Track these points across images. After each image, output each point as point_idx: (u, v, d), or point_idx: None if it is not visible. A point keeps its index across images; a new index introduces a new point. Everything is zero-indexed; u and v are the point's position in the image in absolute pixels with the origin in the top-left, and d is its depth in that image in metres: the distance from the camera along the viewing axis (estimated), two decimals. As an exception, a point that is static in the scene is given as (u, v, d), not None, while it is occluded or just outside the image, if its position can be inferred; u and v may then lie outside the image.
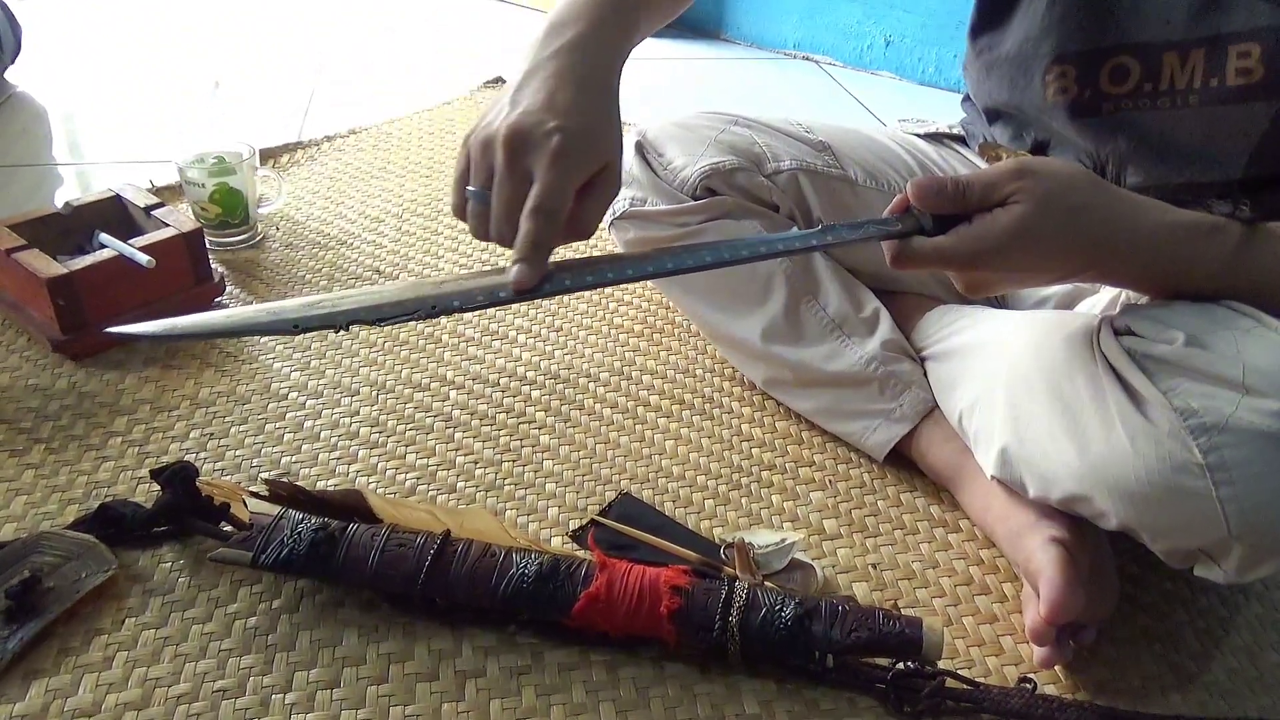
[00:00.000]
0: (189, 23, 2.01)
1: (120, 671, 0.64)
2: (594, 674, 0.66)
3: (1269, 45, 0.66)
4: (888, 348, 0.86)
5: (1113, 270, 0.62)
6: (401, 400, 0.92)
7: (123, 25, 1.97)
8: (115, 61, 1.77)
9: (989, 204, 0.59)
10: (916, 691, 0.64)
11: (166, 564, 0.72)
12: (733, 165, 0.89)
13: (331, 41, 1.95)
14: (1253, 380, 0.55)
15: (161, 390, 0.90)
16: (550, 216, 0.55)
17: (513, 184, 0.55)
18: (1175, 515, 0.59)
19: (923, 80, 1.92)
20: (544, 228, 0.54)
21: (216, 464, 0.83)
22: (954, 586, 0.75)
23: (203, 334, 0.55)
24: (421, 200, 1.30)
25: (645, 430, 0.89)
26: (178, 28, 1.97)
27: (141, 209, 1.03)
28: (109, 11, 2.04)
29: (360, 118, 1.54)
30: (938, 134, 0.98)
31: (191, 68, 1.76)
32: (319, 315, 0.52)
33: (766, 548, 0.74)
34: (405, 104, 1.61)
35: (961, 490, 0.80)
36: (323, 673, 0.65)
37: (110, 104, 1.59)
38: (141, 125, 1.52)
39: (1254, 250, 0.60)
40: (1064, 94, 0.76)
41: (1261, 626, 0.73)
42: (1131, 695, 0.66)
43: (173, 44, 1.88)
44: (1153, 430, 0.58)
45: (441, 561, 0.67)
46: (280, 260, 1.14)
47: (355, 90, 1.70)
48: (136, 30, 1.94)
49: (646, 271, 0.59)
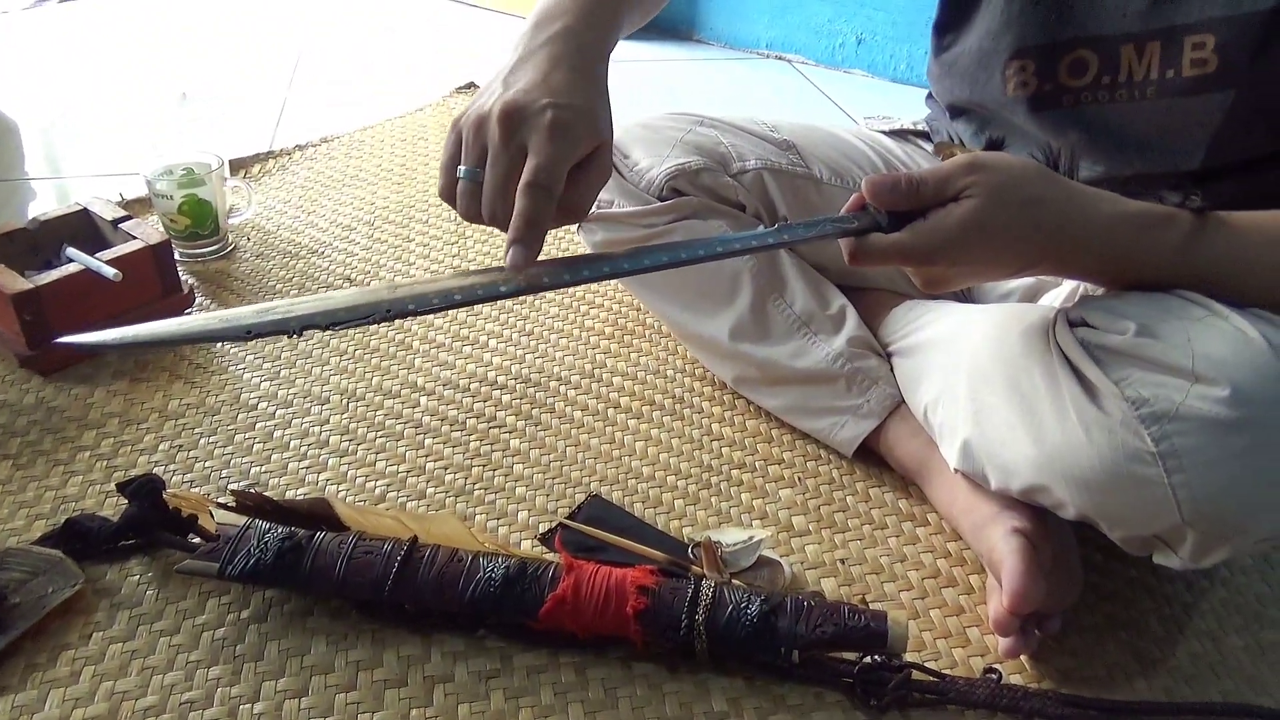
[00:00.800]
0: (158, 34, 2.00)
1: (87, 686, 0.64)
2: (563, 676, 0.66)
3: (1222, 36, 0.66)
4: (854, 344, 0.86)
5: (1067, 262, 0.63)
6: (372, 407, 0.92)
7: (90, 38, 1.96)
8: (84, 75, 1.76)
9: (943, 199, 0.59)
10: (883, 684, 0.64)
11: (134, 577, 0.72)
12: (698, 166, 0.89)
13: (303, 50, 1.94)
14: (1202, 368, 0.56)
15: (130, 403, 0.90)
16: (546, 193, 0.55)
17: (508, 159, 0.56)
18: (1130, 503, 0.59)
19: (895, 78, 1.93)
20: (540, 203, 0.55)
21: (185, 476, 0.82)
22: (921, 580, 0.75)
23: (157, 342, 0.55)
24: (394, 207, 1.30)
25: (615, 432, 0.90)
26: (147, 40, 1.97)
27: (109, 222, 1.02)
28: (76, 25, 2.03)
29: (332, 126, 1.54)
30: (903, 131, 0.99)
31: (161, 79, 1.75)
32: (272, 321, 0.52)
33: (734, 546, 0.74)
34: (377, 111, 1.61)
35: (928, 484, 0.81)
36: (291, 682, 0.65)
37: (80, 117, 1.58)
38: (112, 138, 1.51)
39: (1204, 240, 0.61)
40: (1024, 88, 0.77)
41: (1225, 611, 0.74)
42: (1097, 683, 0.67)
43: (142, 56, 1.87)
44: (1106, 420, 0.59)
45: (409, 567, 0.67)
46: (251, 270, 1.14)
47: (327, 98, 1.70)
48: (104, 43, 1.93)
49: (603, 272, 0.59)
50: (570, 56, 0.60)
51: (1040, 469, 0.63)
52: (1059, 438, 0.62)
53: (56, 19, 2.05)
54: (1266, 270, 0.60)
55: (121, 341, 0.54)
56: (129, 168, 1.37)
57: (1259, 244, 0.61)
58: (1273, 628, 0.72)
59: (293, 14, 2.18)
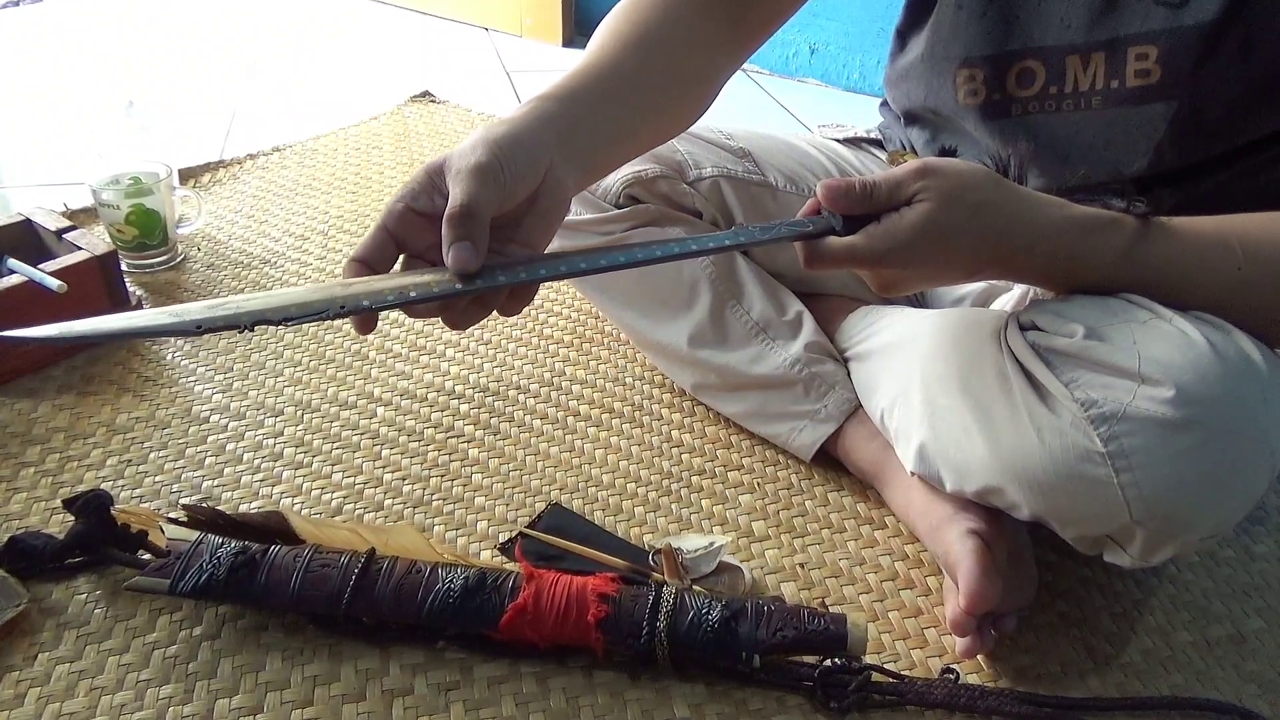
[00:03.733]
0: (104, 41, 1.96)
1: (32, 709, 0.62)
2: (524, 686, 0.65)
3: (1164, 47, 0.68)
4: (811, 350, 0.87)
5: (1014, 264, 0.64)
6: (327, 419, 0.90)
7: (33, 45, 1.91)
8: (27, 82, 1.72)
9: (896, 203, 0.60)
10: (844, 687, 0.65)
11: (81, 595, 0.70)
12: (655, 173, 0.89)
13: (254, 58, 1.92)
14: (1148, 369, 0.57)
15: (76, 418, 0.88)
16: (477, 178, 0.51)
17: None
18: (1081, 503, 0.61)
19: (847, 86, 1.95)
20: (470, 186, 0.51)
21: (134, 491, 0.81)
22: (880, 582, 0.76)
23: (102, 337, 0.53)
24: (348, 216, 1.28)
25: (575, 440, 0.89)
26: (92, 47, 1.92)
27: (53, 232, 1.00)
28: (18, 31, 1.98)
29: (284, 134, 1.52)
30: (856, 139, 1.00)
31: (107, 87, 1.72)
32: (224, 316, 0.50)
33: (695, 552, 0.74)
34: (330, 120, 1.59)
35: (886, 487, 0.82)
36: (245, 699, 0.63)
37: (23, 125, 1.55)
38: (55, 147, 1.48)
39: (1148, 244, 0.63)
40: (974, 96, 0.78)
41: (1174, 607, 0.75)
42: (1051, 680, 0.68)
43: (88, 64, 1.83)
44: (1056, 421, 0.60)
45: (366, 579, 0.66)
46: (202, 281, 1.12)
47: (279, 107, 1.68)
48: (47, 50, 1.89)
49: (559, 271, 0.56)
50: (517, 120, 0.56)
51: (994, 471, 0.64)
52: (1012, 439, 0.63)
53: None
54: (1206, 274, 0.62)
55: (64, 336, 0.51)
56: (73, 177, 1.34)
57: (1199, 249, 0.62)
58: (1219, 623, 0.74)
59: (243, 21, 2.15)
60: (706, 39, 0.70)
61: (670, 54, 0.67)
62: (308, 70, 1.88)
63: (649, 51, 0.66)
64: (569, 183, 0.57)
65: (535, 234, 0.55)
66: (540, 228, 0.55)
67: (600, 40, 0.66)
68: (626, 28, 0.66)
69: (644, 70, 0.65)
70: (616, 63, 0.64)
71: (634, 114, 0.65)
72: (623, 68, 0.64)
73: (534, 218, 0.55)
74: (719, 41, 0.71)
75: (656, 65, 0.66)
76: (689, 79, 0.70)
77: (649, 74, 0.66)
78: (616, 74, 0.64)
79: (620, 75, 0.64)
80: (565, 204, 0.57)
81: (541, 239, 0.56)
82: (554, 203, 0.55)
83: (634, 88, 0.64)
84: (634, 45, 0.65)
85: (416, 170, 0.55)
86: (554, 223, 0.56)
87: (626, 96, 0.64)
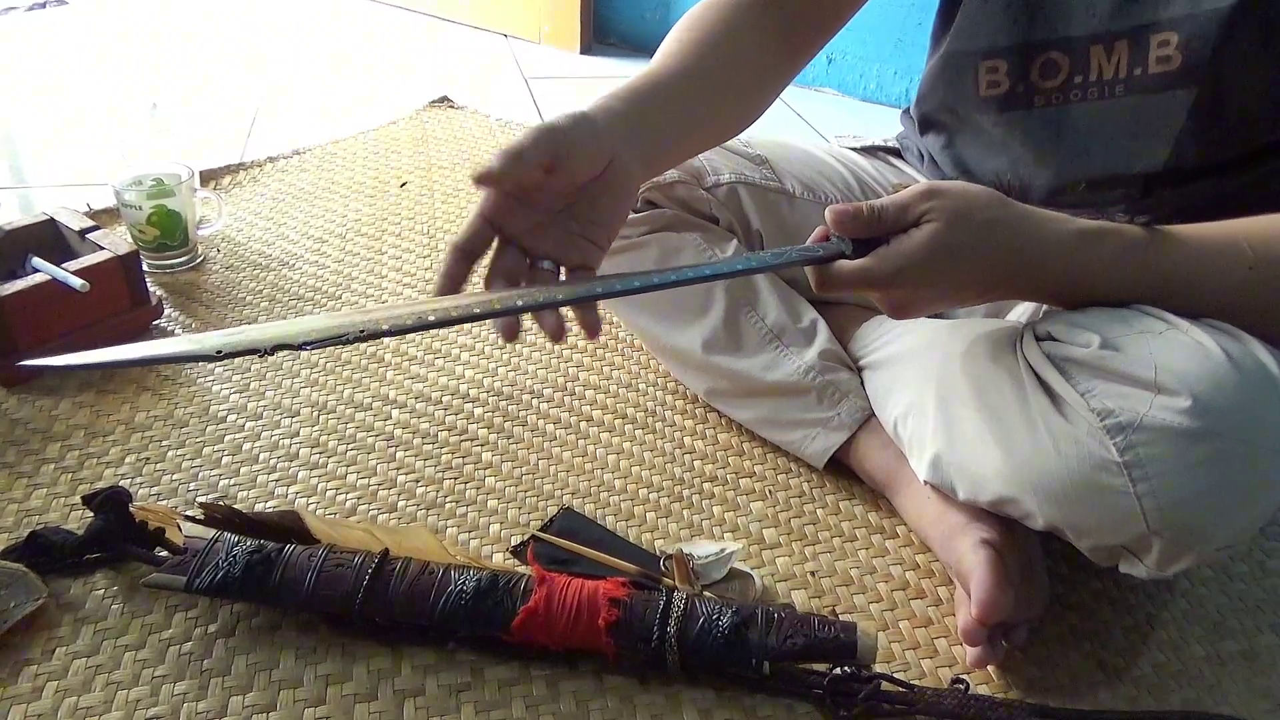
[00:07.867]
0: (129, 44, 1.99)
1: (50, 702, 0.63)
2: (534, 689, 0.66)
3: (1184, 32, 0.68)
4: (825, 357, 0.87)
5: (1024, 281, 0.64)
6: (343, 420, 0.91)
7: (59, 47, 1.94)
8: (52, 83, 1.75)
9: (903, 225, 0.61)
10: (853, 695, 0.65)
11: (99, 591, 0.71)
12: (672, 178, 0.90)
13: (275, 63, 1.94)
14: (1164, 380, 0.57)
15: (96, 415, 0.89)
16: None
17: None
18: (1097, 513, 0.60)
19: (864, 96, 1.95)
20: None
21: (152, 489, 0.81)
22: (890, 591, 0.76)
23: (123, 364, 0.54)
24: (366, 220, 1.29)
25: (588, 445, 0.90)
26: (117, 49, 1.95)
27: (76, 232, 1.01)
28: (44, 33, 2.01)
29: (304, 138, 1.54)
30: (873, 147, 1.00)
31: (131, 90, 1.74)
32: (244, 341, 0.51)
33: (706, 558, 0.74)
34: (350, 124, 1.61)
35: (898, 496, 0.82)
36: (258, 696, 0.64)
37: (49, 127, 1.57)
38: (81, 148, 1.50)
39: (1155, 254, 0.62)
40: (996, 88, 0.78)
41: (1186, 621, 0.75)
42: (1061, 692, 0.68)
43: (112, 66, 1.85)
44: (1073, 431, 0.60)
45: (380, 580, 0.67)
46: (221, 282, 1.13)
47: (299, 111, 1.70)
48: (73, 52, 1.92)
49: (578, 296, 0.58)
50: (588, 110, 0.62)
51: (1009, 480, 0.64)
52: (1028, 449, 0.63)
53: (23, 27, 2.03)
54: (1218, 275, 0.62)
55: (86, 364, 0.52)
56: (97, 178, 1.36)
57: (1209, 250, 0.62)
58: (1232, 638, 0.74)
59: (265, 26, 2.17)
60: (760, 50, 0.75)
61: (727, 63, 0.73)
62: (328, 74, 1.90)
63: (708, 60, 0.72)
64: (635, 171, 0.63)
65: (608, 213, 0.62)
66: (611, 208, 0.62)
67: (666, 48, 0.72)
68: (688, 36, 0.73)
69: (704, 77, 0.72)
70: (678, 70, 0.70)
71: (693, 115, 0.71)
72: (684, 74, 0.70)
73: (607, 199, 0.61)
74: (771, 52, 0.76)
75: (714, 73, 0.72)
76: (743, 86, 0.76)
77: (708, 80, 0.72)
78: (679, 79, 0.70)
79: (683, 80, 0.70)
80: (633, 191, 0.64)
81: (614, 217, 0.62)
82: (623, 188, 0.62)
83: (694, 92, 0.71)
84: (695, 54, 0.71)
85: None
86: (624, 205, 0.63)
87: (687, 99, 0.70)
